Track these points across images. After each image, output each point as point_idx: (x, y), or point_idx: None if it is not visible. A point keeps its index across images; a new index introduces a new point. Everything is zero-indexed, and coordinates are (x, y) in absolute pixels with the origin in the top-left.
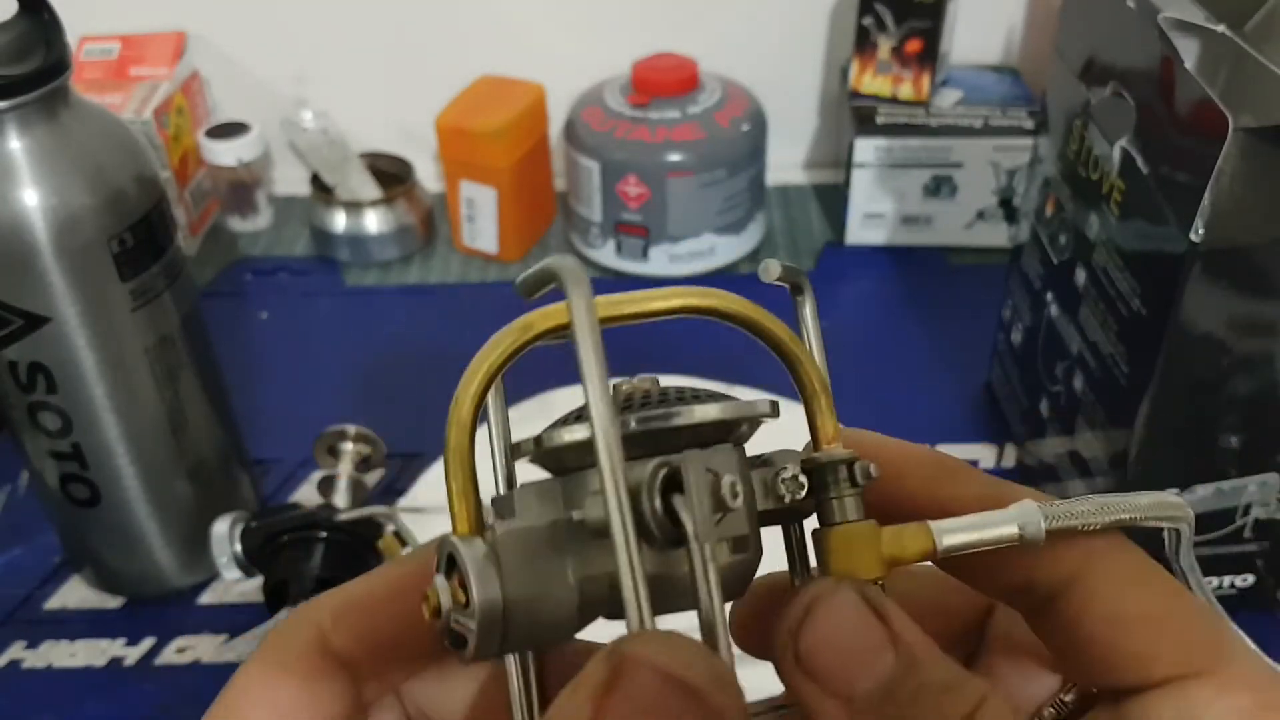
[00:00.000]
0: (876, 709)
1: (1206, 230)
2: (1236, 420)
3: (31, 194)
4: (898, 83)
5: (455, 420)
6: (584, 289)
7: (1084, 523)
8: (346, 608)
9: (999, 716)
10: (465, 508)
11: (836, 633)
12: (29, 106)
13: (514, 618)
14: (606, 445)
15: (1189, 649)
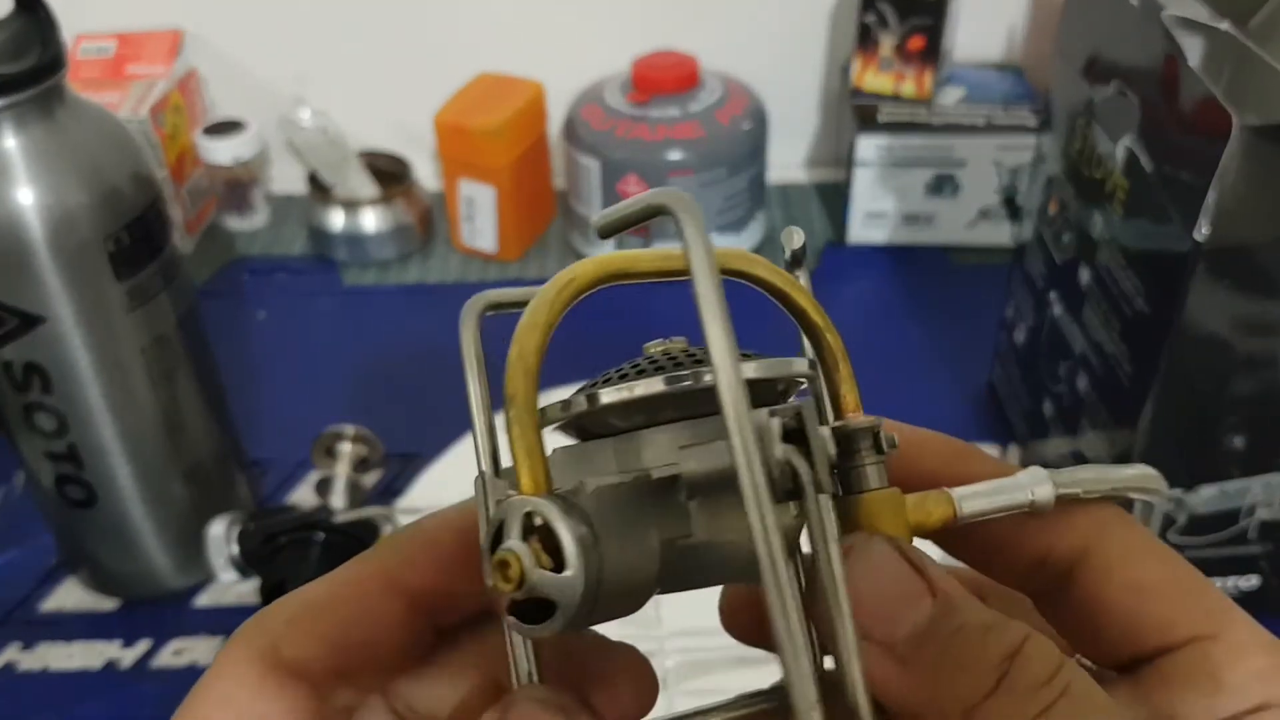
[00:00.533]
0: (918, 652)
1: (1210, 229)
2: (1241, 421)
3: (27, 193)
4: (900, 80)
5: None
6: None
7: (1085, 489)
8: (302, 614)
9: (1045, 653)
10: (533, 465)
11: (875, 580)
12: (24, 105)
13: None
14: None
15: (1203, 613)
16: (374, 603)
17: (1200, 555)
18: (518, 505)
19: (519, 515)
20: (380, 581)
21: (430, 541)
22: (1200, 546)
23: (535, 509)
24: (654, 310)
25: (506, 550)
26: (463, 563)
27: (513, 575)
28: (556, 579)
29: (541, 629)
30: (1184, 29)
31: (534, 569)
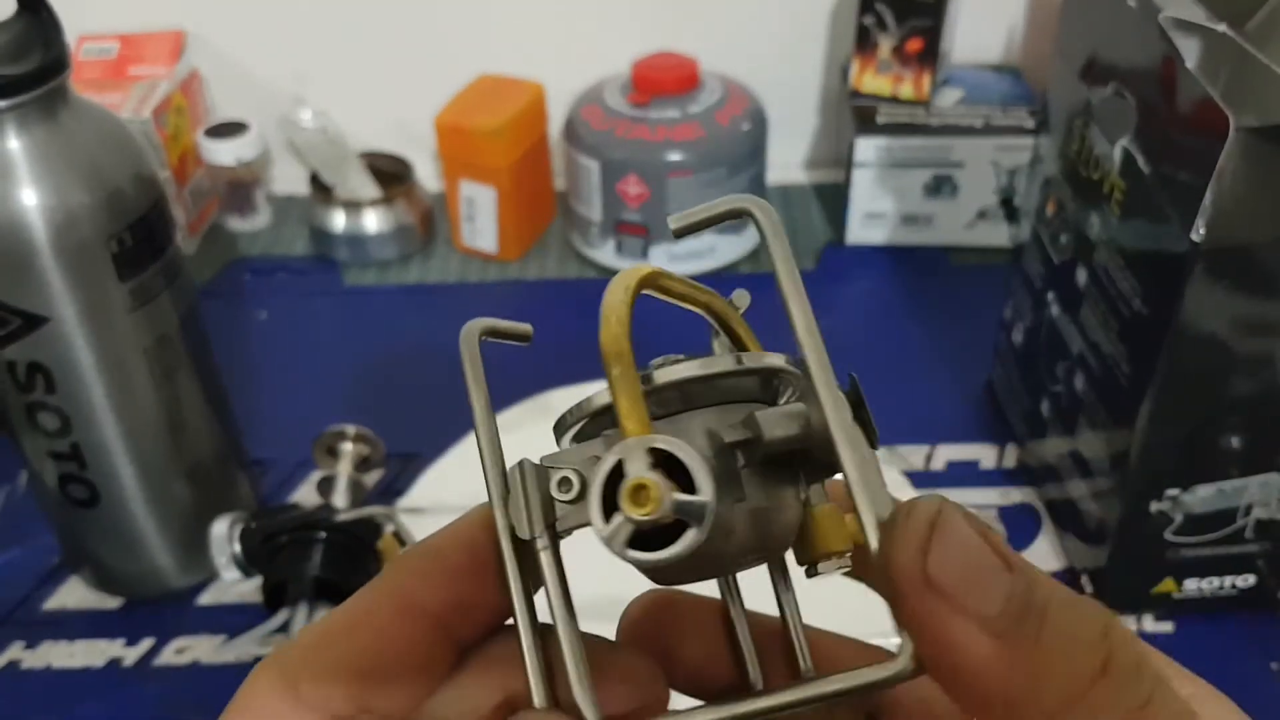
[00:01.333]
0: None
1: (1208, 230)
2: (1238, 420)
3: (30, 194)
4: (898, 82)
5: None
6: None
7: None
8: (320, 645)
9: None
10: (640, 409)
11: (965, 549)
12: (28, 106)
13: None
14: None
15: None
16: (391, 626)
17: (1197, 554)
18: (636, 443)
19: (641, 450)
20: (395, 604)
21: (440, 557)
22: (1197, 546)
23: (656, 443)
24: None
25: (642, 477)
26: (476, 574)
27: (651, 497)
28: (693, 499)
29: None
30: (1182, 30)
31: (670, 491)
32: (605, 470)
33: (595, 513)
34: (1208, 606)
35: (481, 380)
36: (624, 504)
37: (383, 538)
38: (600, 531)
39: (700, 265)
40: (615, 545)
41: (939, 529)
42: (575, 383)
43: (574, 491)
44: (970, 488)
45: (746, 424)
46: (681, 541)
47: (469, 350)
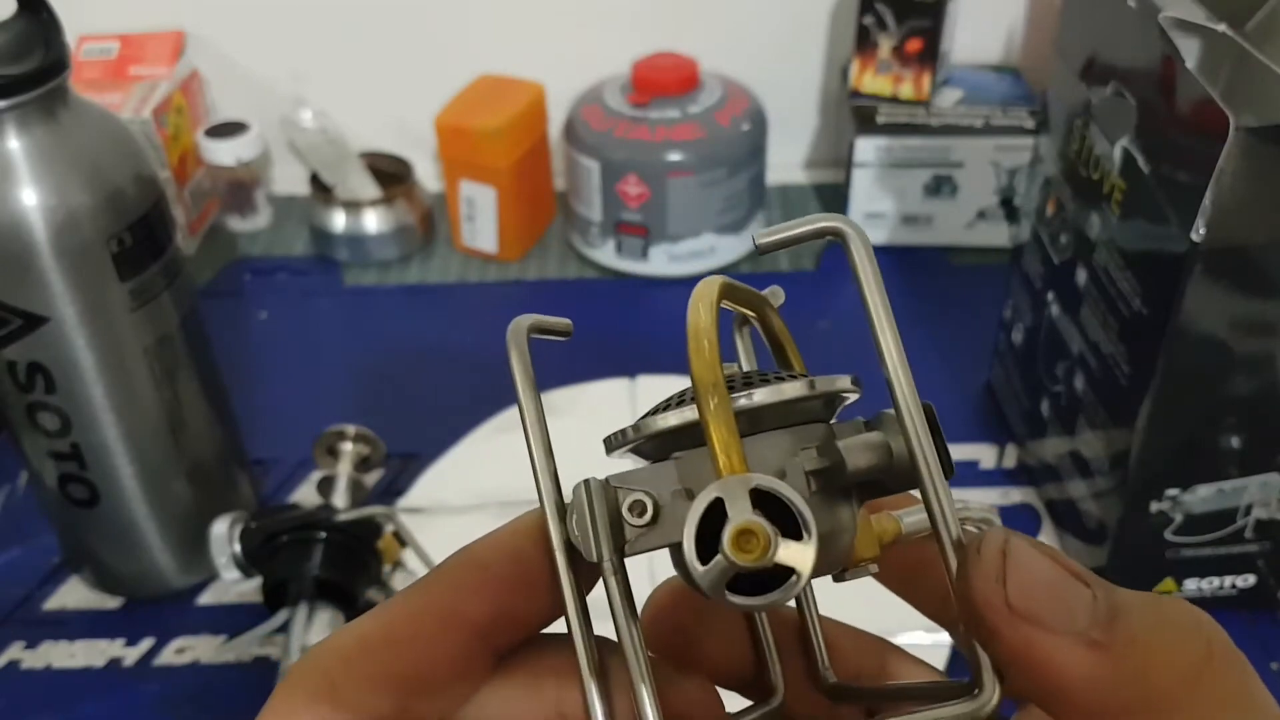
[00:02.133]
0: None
1: (1208, 230)
2: (1237, 420)
3: (30, 194)
4: (898, 82)
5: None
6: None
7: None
8: (360, 652)
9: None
10: (737, 446)
11: (1038, 571)
12: (28, 106)
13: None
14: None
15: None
16: (432, 638)
17: (1197, 554)
18: (737, 483)
19: (744, 491)
20: (437, 615)
21: (483, 567)
22: (1197, 545)
23: (761, 484)
24: (644, 317)
25: (750, 522)
26: (521, 587)
27: (757, 545)
28: (799, 546)
29: (778, 595)
30: (1181, 30)
31: (777, 537)
32: (702, 507)
33: (692, 555)
34: (1208, 606)
35: (532, 380)
36: (729, 549)
37: (383, 538)
38: (695, 571)
39: (701, 265)
40: (712, 588)
41: (1011, 558)
42: (575, 383)
43: (648, 516)
44: (970, 488)
45: (825, 452)
46: (784, 589)
47: (518, 348)
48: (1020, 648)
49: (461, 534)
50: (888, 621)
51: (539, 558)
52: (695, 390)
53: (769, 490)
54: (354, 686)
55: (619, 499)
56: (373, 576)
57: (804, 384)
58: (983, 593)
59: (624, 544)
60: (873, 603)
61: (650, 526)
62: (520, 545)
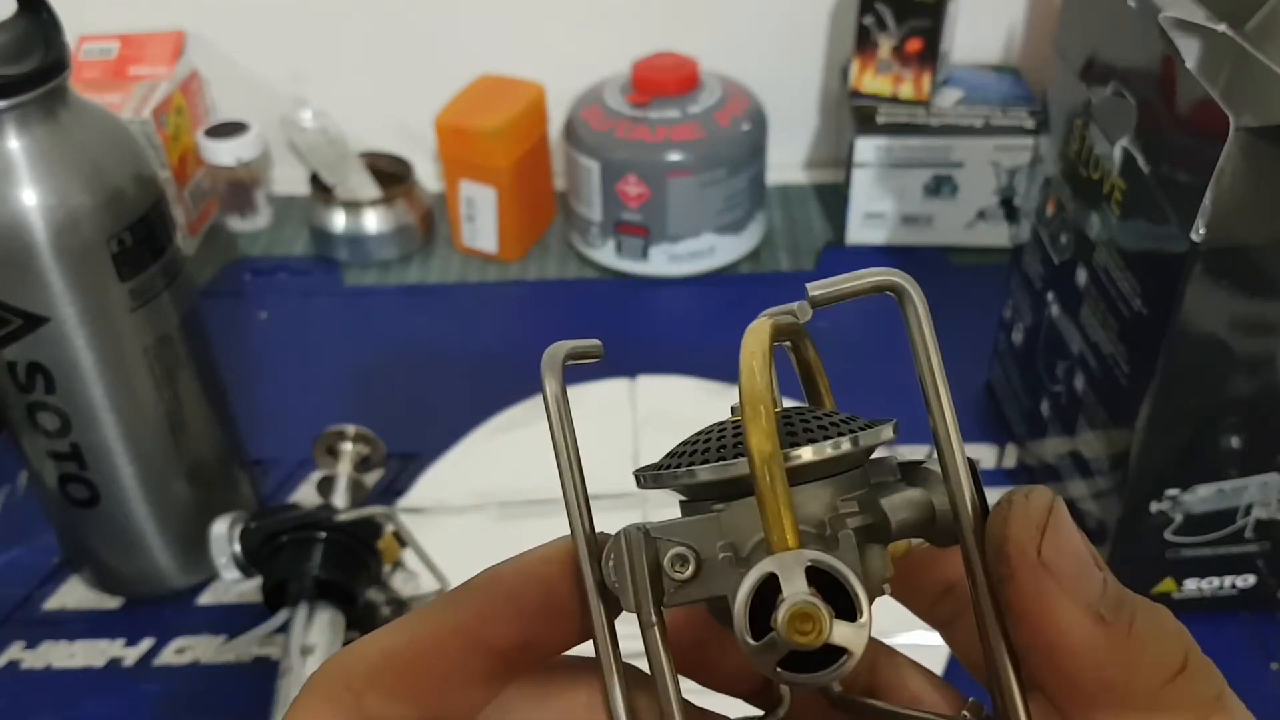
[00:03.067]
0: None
1: (1207, 230)
2: (1237, 421)
3: (30, 194)
4: (898, 82)
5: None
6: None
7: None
8: (385, 667)
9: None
10: (792, 519)
11: (1073, 539)
12: (28, 106)
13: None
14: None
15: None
16: (456, 658)
17: (1197, 554)
18: (793, 559)
19: (799, 569)
20: (463, 638)
21: (512, 594)
22: (1197, 545)
23: (818, 563)
24: (644, 317)
25: (807, 604)
26: (547, 615)
27: (813, 628)
28: (853, 627)
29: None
30: (1181, 30)
31: (832, 620)
32: (755, 581)
33: (744, 628)
34: (1208, 606)
35: (568, 413)
36: (785, 629)
37: (383, 538)
38: (747, 646)
39: (701, 265)
40: (766, 665)
41: (1054, 516)
42: (575, 383)
43: (689, 570)
44: None
45: (869, 508)
46: (836, 668)
47: (554, 380)
48: (1032, 597)
49: (461, 534)
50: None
51: (568, 590)
52: (751, 462)
53: (826, 569)
54: (377, 697)
55: (659, 551)
56: (373, 576)
57: (850, 441)
58: (1018, 534)
59: (663, 596)
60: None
61: (691, 581)
62: (550, 575)
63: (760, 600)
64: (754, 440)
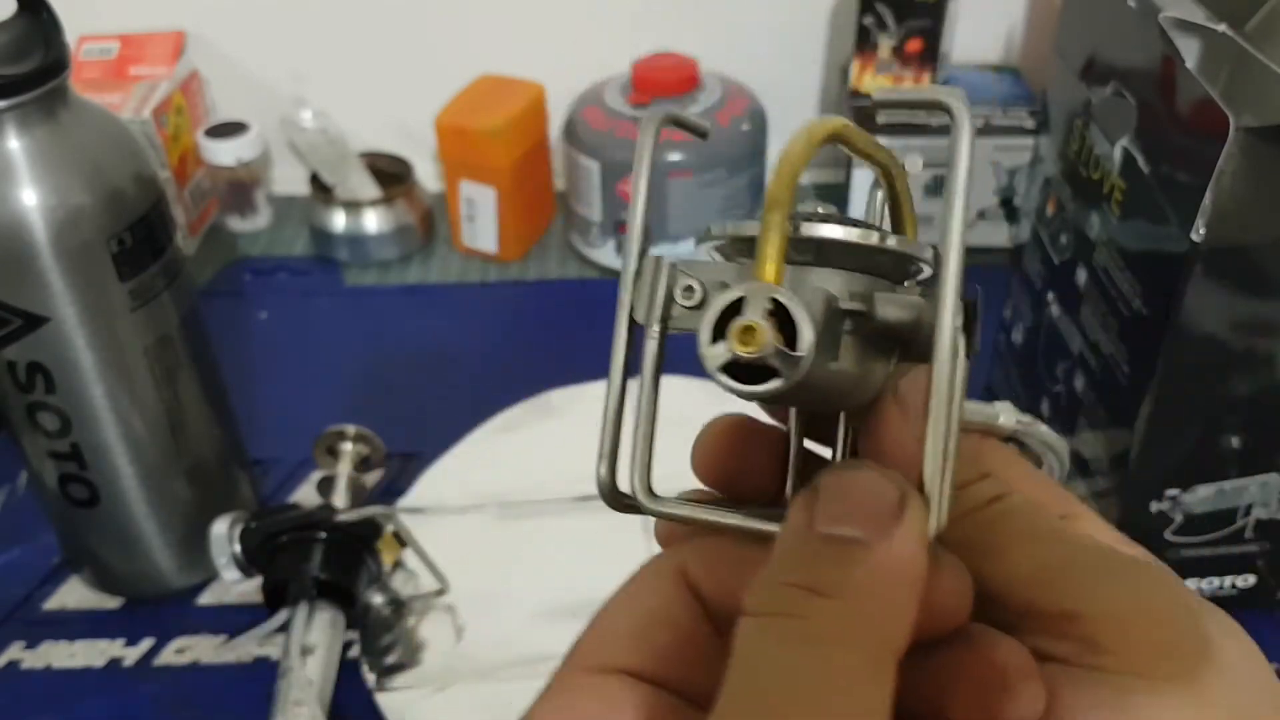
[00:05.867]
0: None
1: (1208, 230)
2: (1238, 420)
3: (30, 194)
4: (898, 82)
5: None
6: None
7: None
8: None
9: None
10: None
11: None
12: (28, 106)
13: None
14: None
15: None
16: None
17: (1197, 554)
18: (761, 289)
19: (763, 297)
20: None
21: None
22: (1197, 545)
23: (779, 296)
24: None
25: (754, 321)
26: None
27: (756, 340)
28: (789, 355)
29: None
30: (1181, 30)
31: (773, 341)
32: (725, 300)
33: (705, 333)
34: None
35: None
36: (731, 338)
37: (383, 538)
38: (703, 349)
39: None
40: (711, 366)
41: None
42: (576, 382)
43: (694, 300)
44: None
45: (863, 298)
46: (766, 385)
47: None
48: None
49: (461, 534)
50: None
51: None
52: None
53: (783, 302)
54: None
55: (678, 281)
56: (373, 576)
57: (865, 233)
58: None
59: (669, 317)
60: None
61: (695, 310)
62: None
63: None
64: (771, 187)
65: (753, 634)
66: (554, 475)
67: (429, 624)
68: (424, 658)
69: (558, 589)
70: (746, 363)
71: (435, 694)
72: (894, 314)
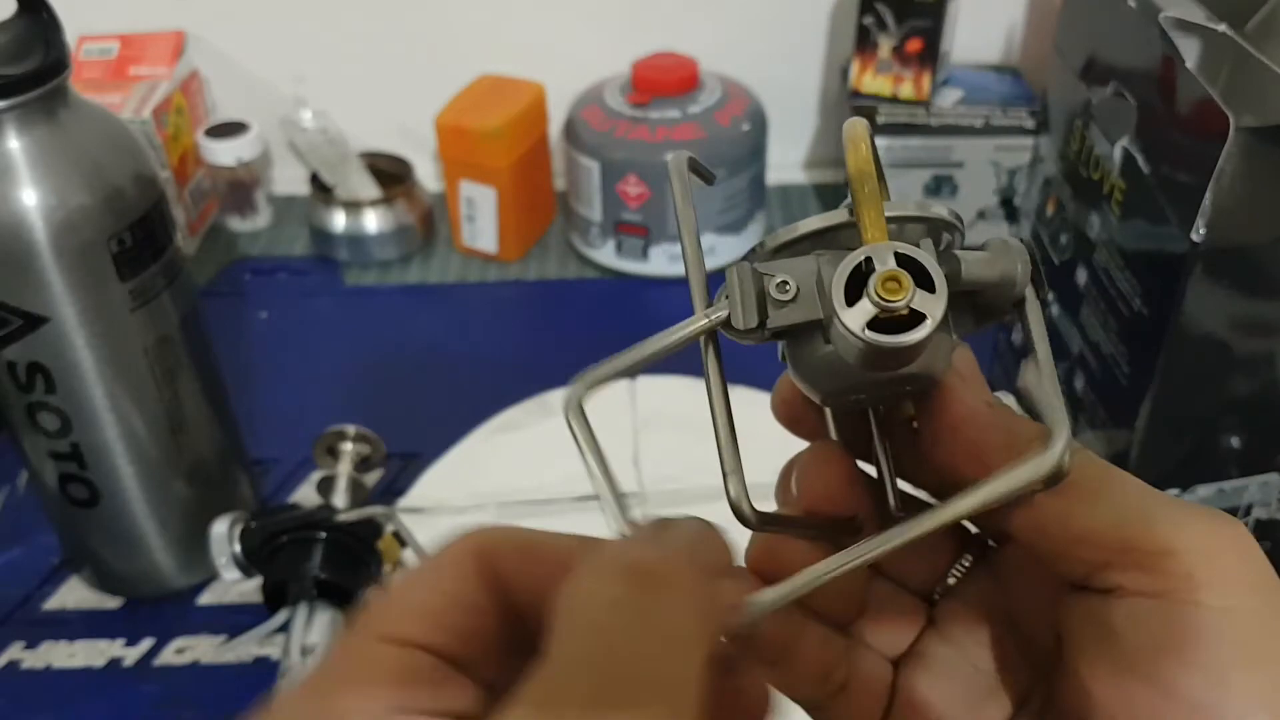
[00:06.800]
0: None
1: (1207, 230)
2: (1237, 420)
3: (30, 194)
4: (898, 82)
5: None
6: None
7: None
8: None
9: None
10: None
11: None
12: (28, 106)
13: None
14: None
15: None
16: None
17: None
18: (884, 246)
19: (889, 252)
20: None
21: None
22: None
23: (903, 250)
24: (645, 317)
25: (895, 270)
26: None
27: (900, 289)
28: (932, 297)
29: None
30: (1181, 31)
31: (914, 288)
32: (851, 263)
33: (839, 296)
34: None
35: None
36: (877, 291)
37: (383, 538)
38: (843, 314)
39: None
40: (856, 325)
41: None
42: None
43: (790, 293)
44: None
45: (948, 260)
46: (917, 330)
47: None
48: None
49: None
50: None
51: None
52: (850, 181)
53: (908, 254)
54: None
55: (766, 281)
56: (373, 576)
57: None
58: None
59: (767, 317)
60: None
61: (791, 303)
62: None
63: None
64: (852, 163)
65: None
66: (554, 475)
67: None
68: None
69: None
70: (887, 317)
71: None
72: (978, 272)
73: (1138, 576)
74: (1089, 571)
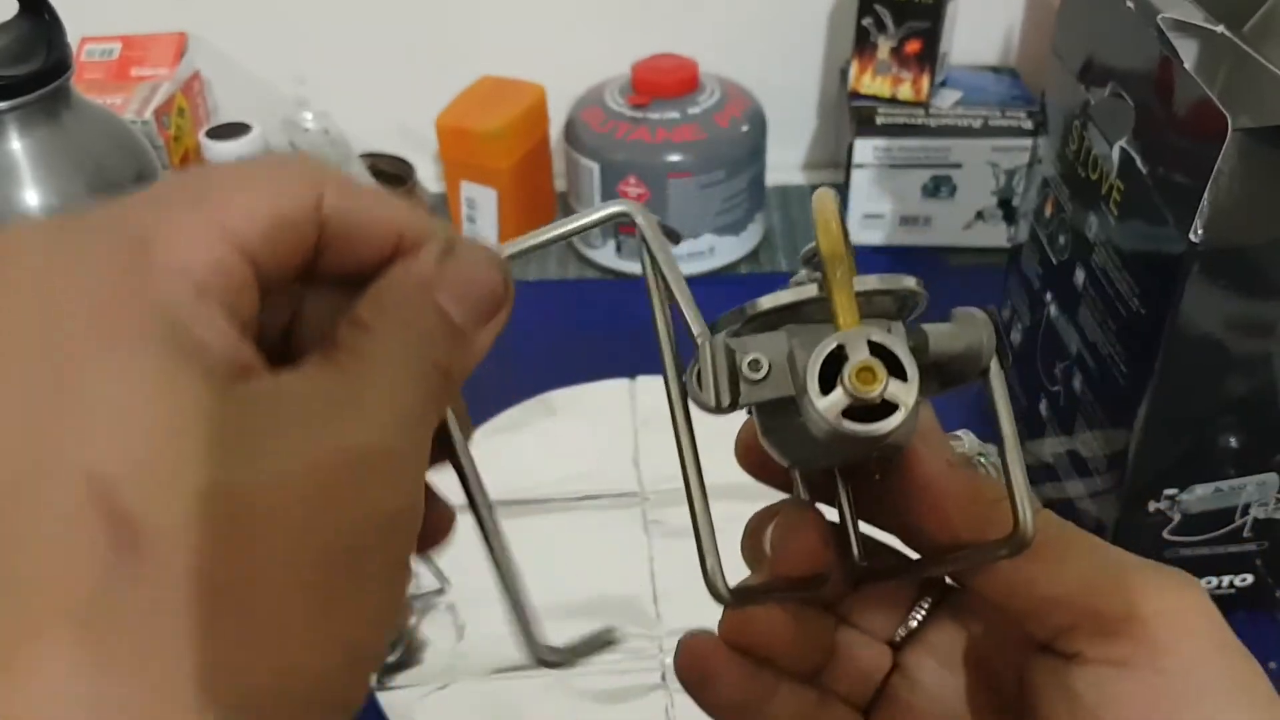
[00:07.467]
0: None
1: (1205, 231)
2: (1235, 420)
3: (32, 194)
4: (897, 83)
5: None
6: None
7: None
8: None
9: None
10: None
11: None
12: (30, 107)
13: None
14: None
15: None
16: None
17: (1195, 554)
18: (857, 333)
19: (863, 340)
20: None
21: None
22: (1195, 545)
23: (876, 337)
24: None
25: (870, 360)
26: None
27: (874, 380)
28: (904, 385)
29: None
30: (1179, 32)
31: (888, 377)
32: (826, 351)
33: (813, 386)
34: None
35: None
36: (851, 382)
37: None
38: (817, 402)
39: (700, 266)
40: (832, 415)
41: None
42: (576, 383)
43: (763, 371)
44: None
45: (915, 335)
46: (890, 419)
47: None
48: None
49: (461, 534)
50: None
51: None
52: (823, 261)
53: (881, 343)
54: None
55: (737, 358)
56: None
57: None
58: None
59: (738, 395)
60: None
61: (762, 381)
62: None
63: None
64: (824, 245)
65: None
66: (554, 475)
67: (429, 623)
68: (424, 656)
69: (557, 588)
70: (860, 405)
71: (436, 692)
72: (945, 346)
73: (1101, 644)
74: (1053, 635)
